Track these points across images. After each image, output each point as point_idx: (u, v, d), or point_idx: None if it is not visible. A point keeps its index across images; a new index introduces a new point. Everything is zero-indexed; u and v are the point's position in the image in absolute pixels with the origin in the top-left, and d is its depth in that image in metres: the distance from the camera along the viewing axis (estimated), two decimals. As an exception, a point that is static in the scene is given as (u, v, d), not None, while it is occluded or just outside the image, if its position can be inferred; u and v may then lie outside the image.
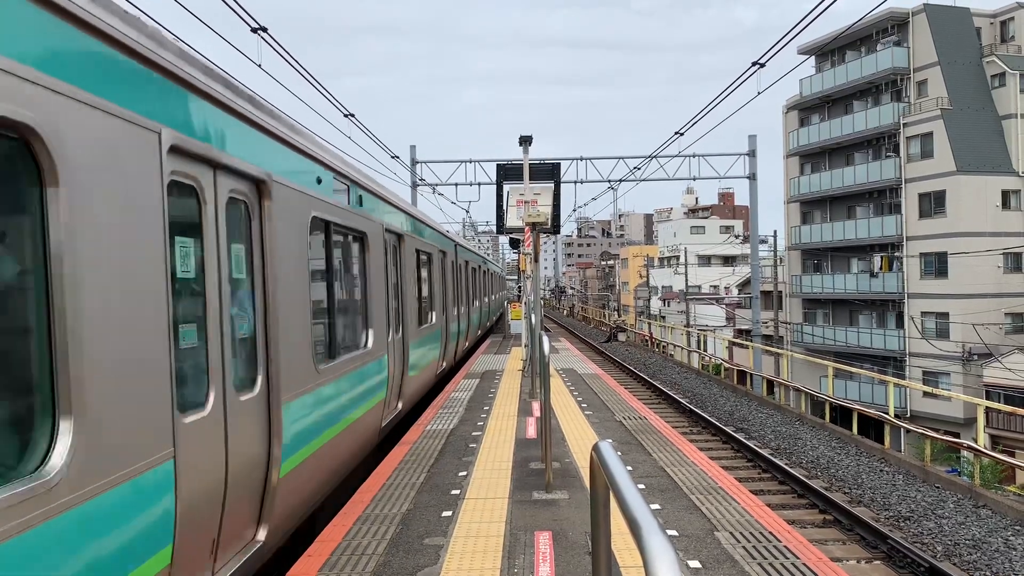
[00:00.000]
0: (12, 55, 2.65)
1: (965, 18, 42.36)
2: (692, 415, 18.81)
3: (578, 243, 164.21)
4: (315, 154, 6.37)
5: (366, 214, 8.33)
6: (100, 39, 3.21)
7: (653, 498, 7.12)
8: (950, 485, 13.79)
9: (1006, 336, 37.94)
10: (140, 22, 3.55)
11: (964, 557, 10.25)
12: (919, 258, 41.08)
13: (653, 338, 41.68)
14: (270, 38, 10.60)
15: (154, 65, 3.63)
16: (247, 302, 4.97)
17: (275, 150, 5.38)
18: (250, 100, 4.99)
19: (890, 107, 43.35)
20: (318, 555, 5.61)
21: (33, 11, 2.80)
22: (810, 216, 50.78)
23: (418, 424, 11.04)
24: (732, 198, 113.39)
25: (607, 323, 56.59)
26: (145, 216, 3.52)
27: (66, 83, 2.94)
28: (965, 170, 39.39)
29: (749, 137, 34.50)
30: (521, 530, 6.13)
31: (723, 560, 5.48)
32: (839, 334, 45.77)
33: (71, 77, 2.98)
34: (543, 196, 15.26)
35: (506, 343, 27.07)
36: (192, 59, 4.13)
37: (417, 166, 35.30)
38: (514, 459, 8.68)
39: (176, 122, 3.86)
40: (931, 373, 38.77)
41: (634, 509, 2.00)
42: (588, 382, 15.87)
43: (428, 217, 14.90)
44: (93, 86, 3.12)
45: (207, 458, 4.19)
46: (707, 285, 71.87)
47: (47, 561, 2.77)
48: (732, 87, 14.68)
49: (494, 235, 78.91)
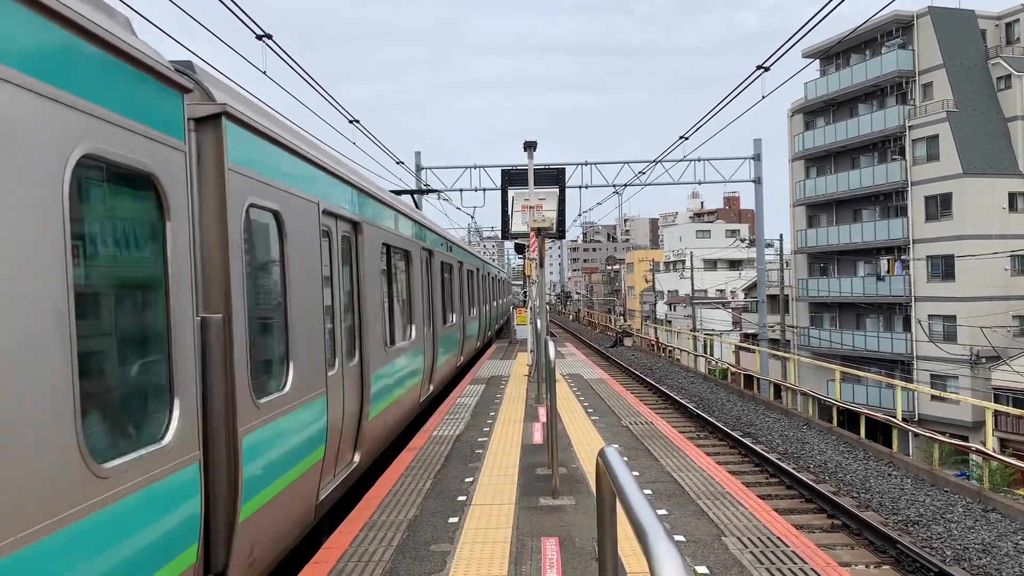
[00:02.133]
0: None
1: (970, 20, 42.29)
2: (699, 420, 18.76)
3: (583, 248, 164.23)
4: (380, 197, 9.02)
5: (416, 239, 11.47)
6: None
7: (660, 503, 7.10)
8: (959, 489, 13.73)
9: (1014, 339, 37.77)
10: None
11: (974, 561, 10.19)
12: (926, 261, 40.95)
13: (659, 343, 41.63)
14: (275, 45, 10.64)
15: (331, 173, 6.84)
16: (351, 304, 7.57)
17: (365, 201, 8.12)
18: (371, 185, 8.59)
19: (895, 110, 43.26)
20: (325, 562, 5.60)
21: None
22: (816, 219, 50.68)
23: (424, 430, 11.03)
24: (738, 202, 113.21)
25: (613, 328, 56.57)
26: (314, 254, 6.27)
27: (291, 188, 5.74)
28: (971, 172, 39.28)
29: (754, 141, 34.50)
30: (528, 536, 6.12)
31: (731, 565, 5.46)
32: (846, 338, 45.62)
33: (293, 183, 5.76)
34: (548, 201, 15.29)
35: (512, 348, 27.05)
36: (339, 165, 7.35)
37: (422, 172, 35.36)
38: (520, 465, 8.67)
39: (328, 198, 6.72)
40: (939, 376, 38.61)
41: (640, 514, 1.99)
42: (594, 387, 15.85)
43: (448, 232, 15.08)
44: (305, 187, 6.00)
45: (336, 398, 6.63)
46: (713, 289, 71.80)
47: (282, 442, 5.22)
48: (737, 91, 14.68)
49: (499, 240, 78.96)
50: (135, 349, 3.64)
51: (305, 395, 5.73)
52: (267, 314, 5.32)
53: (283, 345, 5.46)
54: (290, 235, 5.53)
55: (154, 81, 3.69)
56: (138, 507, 3.38)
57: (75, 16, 2.98)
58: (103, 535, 3.11)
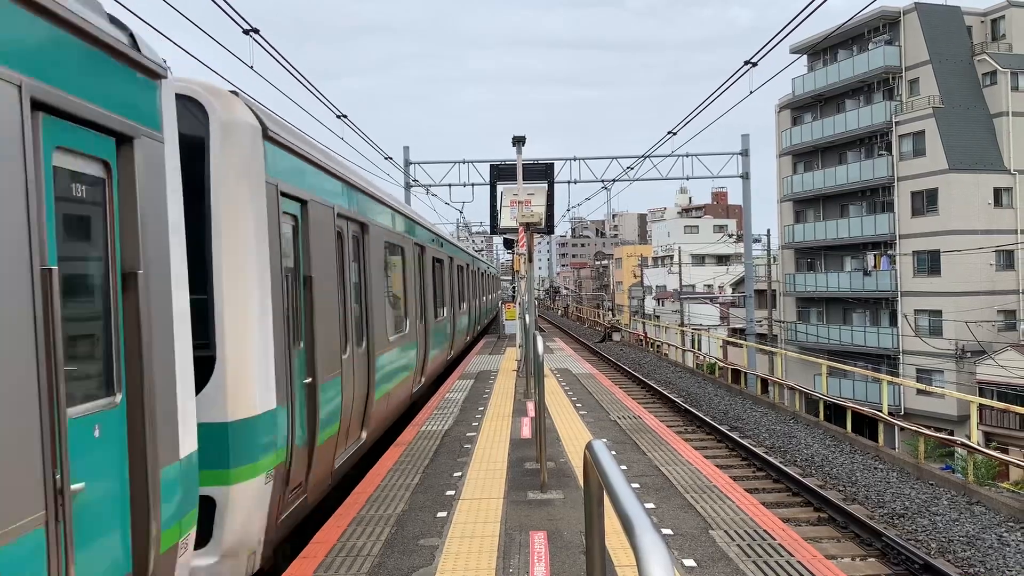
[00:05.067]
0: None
1: (956, 17, 42.50)
2: (687, 414, 18.82)
3: (572, 243, 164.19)
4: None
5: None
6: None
7: (648, 497, 7.13)
8: (944, 482, 13.83)
9: (999, 333, 38.07)
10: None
11: (958, 554, 10.27)
12: (912, 256, 41.19)
13: (648, 338, 41.73)
14: (262, 40, 10.58)
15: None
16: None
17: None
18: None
19: (882, 105, 43.45)
20: (313, 556, 5.60)
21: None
22: (803, 215, 50.88)
23: (413, 424, 11.04)
24: (725, 197, 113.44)
25: (601, 323, 56.64)
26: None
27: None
28: (957, 168, 39.52)
29: (742, 136, 34.58)
30: (516, 530, 6.13)
31: (718, 558, 5.49)
32: (833, 332, 45.86)
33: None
34: (537, 196, 15.28)
35: (501, 343, 27.06)
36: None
37: (411, 167, 35.28)
38: (509, 459, 8.69)
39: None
40: (925, 371, 38.87)
41: (627, 507, 2.00)
42: (583, 382, 15.87)
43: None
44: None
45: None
46: (701, 284, 71.98)
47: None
48: (724, 86, 14.69)
49: (488, 235, 78.93)
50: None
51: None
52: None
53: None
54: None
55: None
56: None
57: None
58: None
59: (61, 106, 3.04)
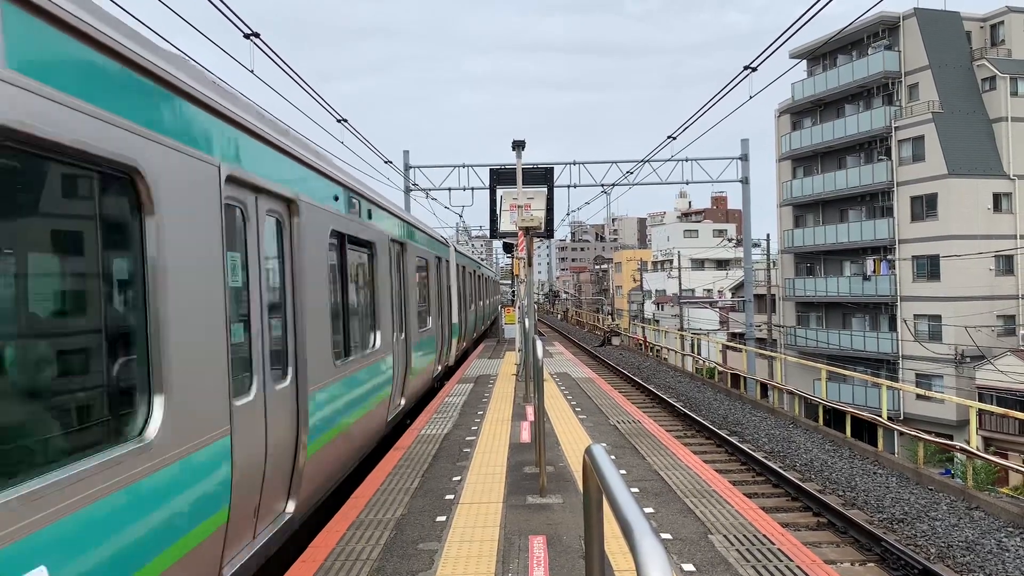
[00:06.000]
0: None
1: (955, 22, 42.57)
2: (686, 419, 18.82)
3: (572, 247, 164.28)
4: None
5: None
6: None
7: (647, 502, 7.13)
8: (943, 487, 13.83)
9: (998, 338, 38.07)
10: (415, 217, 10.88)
11: (958, 559, 10.27)
12: (911, 261, 41.21)
13: (647, 342, 41.71)
14: (263, 44, 10.60)
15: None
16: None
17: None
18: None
19: (881, 111, 43.51)
20: (312, 560, 5.60)
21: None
22: (803, 219, 50.92)
23: (412, 429, 11.02)
24: (725, 202, 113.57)
25: (601, 327, 56.63)
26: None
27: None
28: (956, 173, 39.56)
29: (741, 141, 34.60)
30: (515, 534, 6.13)
31: (717, 563, 5.49)
32: (832, 337, 45.87)
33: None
34: (536, 200, 15.30)
35: (500, 348, 27.06)
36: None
37: (410, 171, 35.30)
38: (508, 463, 8.68)
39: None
40: (924, 375, 38.88)
41: (626, 511, 2.00)
42: (582, 386, 15.87)
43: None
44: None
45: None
46: (701, 289, 72.01)
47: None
48: (724, 91, 14.72)
49: (487, 239, 78.92)
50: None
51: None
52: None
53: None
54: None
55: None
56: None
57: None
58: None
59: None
